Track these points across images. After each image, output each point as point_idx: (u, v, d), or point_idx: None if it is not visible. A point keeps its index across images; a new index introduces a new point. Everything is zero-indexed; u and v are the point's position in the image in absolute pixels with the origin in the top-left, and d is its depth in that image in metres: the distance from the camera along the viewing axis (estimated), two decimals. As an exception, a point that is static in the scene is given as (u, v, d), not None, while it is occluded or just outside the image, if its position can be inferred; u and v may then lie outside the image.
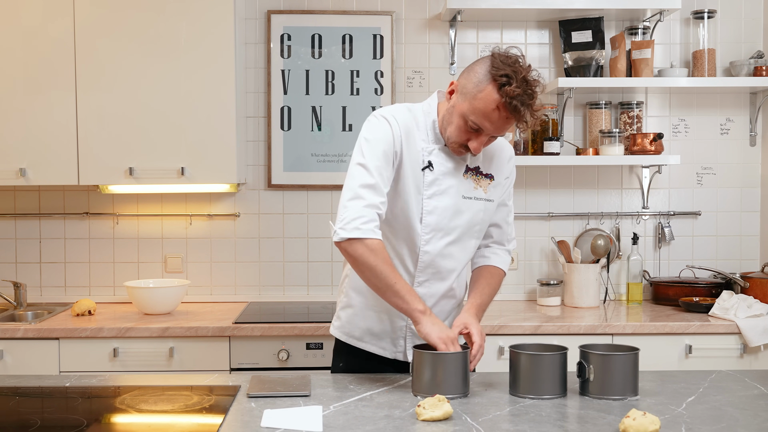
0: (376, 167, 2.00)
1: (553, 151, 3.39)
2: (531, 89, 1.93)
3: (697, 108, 3.61)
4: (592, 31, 3.44)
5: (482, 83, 1.95)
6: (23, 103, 3.18)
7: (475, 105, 1.96)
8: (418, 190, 2.08)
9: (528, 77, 1.93)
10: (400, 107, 2.12)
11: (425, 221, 2.09)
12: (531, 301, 3.56)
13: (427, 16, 3.56)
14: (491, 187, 2.16)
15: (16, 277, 3.52)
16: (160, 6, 3.16)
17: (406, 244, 2.11)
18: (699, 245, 3.62)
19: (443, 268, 2.14)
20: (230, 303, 3.49)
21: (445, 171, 2.09)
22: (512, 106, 1.92)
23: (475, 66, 2.00)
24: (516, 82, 1.91)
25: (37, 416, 1.86)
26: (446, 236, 2.11)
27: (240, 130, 3.33)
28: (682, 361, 3.00)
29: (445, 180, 2.09)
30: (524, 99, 1.92)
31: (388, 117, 2.06)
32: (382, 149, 2.01)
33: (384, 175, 2.01)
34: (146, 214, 3.53)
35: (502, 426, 1.70)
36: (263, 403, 1.88)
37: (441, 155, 2.09)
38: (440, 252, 2.12)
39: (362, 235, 1.95)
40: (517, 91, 1.90)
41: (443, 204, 2.09)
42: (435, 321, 1.98)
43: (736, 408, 1.83)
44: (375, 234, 1.96)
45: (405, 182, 2.06)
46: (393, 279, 1.97)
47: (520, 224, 3.57)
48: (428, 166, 2.08)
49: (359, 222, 1.95)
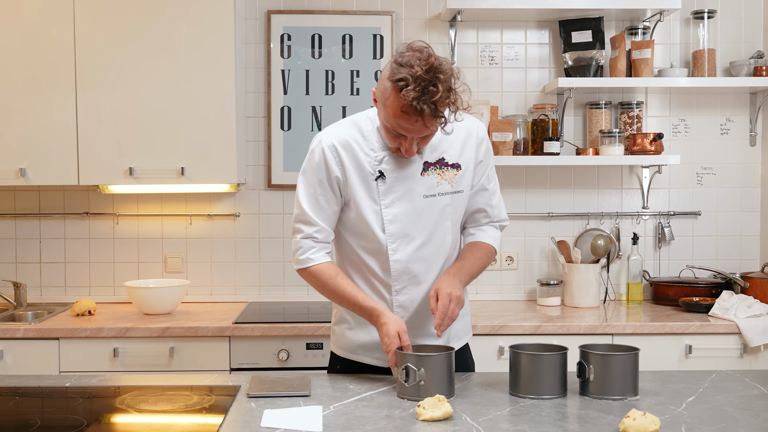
0: (307, 199, 2.09)
1: (553, 151, 3.39)
2: (434, 85, 1.84)
3: (697, 108, 3.61)
4: (592, 31, 3.44)
5: (387, 90, 1.91)
6: (23, 103, 3.18)
7: (387, 113, 1.93)
8: (375, 201, 2.07)
9: (427, 74, 1.84)
10: (343, 123, 2.13)
11: (388, 230, 2.07)
12: (531, 301, 3.56)
13: (427, 16, 3.56)
14: (458, 177, 2.11)
15: (16, 277, 3.52)
16: (160, 6, 3.16)
17: (375, 257, 2.11)
18: (699, 245, 3.62)
19: (418, 272, 2.11)
20: (230, 303, 3.49)
21: (398, 176, 2.06)
22: (413, 107, 1.85)
23: (383, 72, 1.95)
24: (413, 83, 1.83)
25: (37, 416, 1.86)
26: (413, 240, 2.09)
27: (240, 130, 3.33)
28: (682, 361, 3.00)
29: (400, 185, 2.06)
30: (426, 98, 1.84)
31: (323, 142, 2.07)
32: (316, 178, 2.08)
33: (320, 203, 2.08)
34: (146, 214, 3.53)
35: (502, 426, 1.70)
36: (263, 403, 1.88)
37: (391, 161, 2.06)
38: (411, 257, 2.09)
39: (302, 265, 2.11)
40: (414, 93, 1.83)
41: (402, 210, 2.07)
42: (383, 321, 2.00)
43: (736, 408, 1.83)
44: (313, 261, 2.10)
45: (358, 198, 2.06)
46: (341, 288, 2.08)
47: (520, 224, 3.57)
48: (380, 175, 2.06)
49: (298, 254, 2.11)
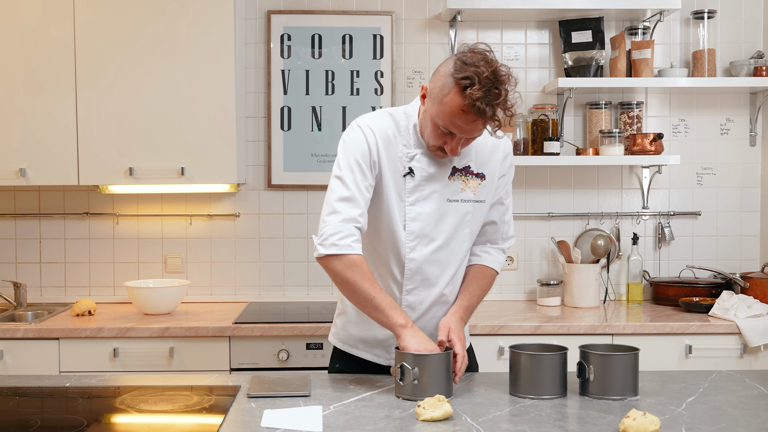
0: (353, 179, 2.00)
1: (553, 151, 3.39)
2: (497, 87, 1.85)
3: (697, 108, 3.61)
4: (592, 31, 3.44)
5: (446, 87, 1.90)
6: (23, 103, 3.18)
7: (442, 109, 1.92)
8: (400, 197, 2.06)
9: (492, 76, 1.85)
10: (381, 113, 2.11)
11: (409, 228, 2.07)
12: (531, 301, 3.56)
13: (427, 16, 3.56)
14: (482, 187, 2.11)
15: (16, 277, 3.52)
16: (160, 6, 3.16)
17: (392, 253, 2.09)
18: (699, 245, 3.62)
19: (431, 275, 2.11)
20: (230, 303, 3.49)
21: (426, 176, 2.06)
22: (476, 108, 1.85)
23: (441, 68, 1.95)
24: (478, 83, 1.84)
25: (37, 416, 1.86)
26: (432, 242, 2.08)
27: (240, 130, 3.33)
28: (682, 361, 3.00)
29: (427, 185, 2.06)
30: (489, 99, 1.85)
31: (363, 127, 2.05)
32: (359, 160, 2.01)
33: (362, 186, 2.00)
34: (146, 214, 3.53)
35: (502, 426, 1.70)
36: (263, 403, 1.88)
37: (423, 159, 2.06)
38: (426, 258, 2.09)
39: (339, 251, 1.96)
40: (479, 93, 1.83)
41: (426, 210, 2.07)
42: (416, 333, 1.94)
43: (736, 408, 1.83)
44: (353, 249, 1.97)
45: (386, 190, 2.05)
46: (372, 294, 1.96)
47: (520, 224, 3.57)
48: (409, 172, 2.05)
49: (336, 238, 1.96)
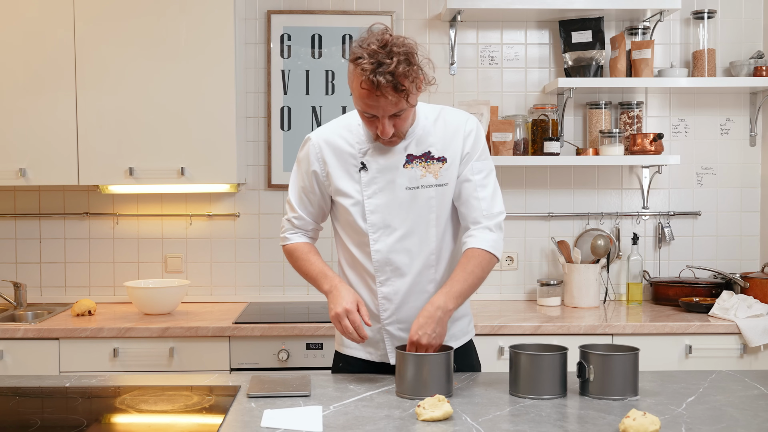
0: (292, 187, 2.23)
1: (553, 151, 3.39)
2: (389, 57, 1.90)
3: (697, 108, 3.61)
4: (592, 31, 3.44)
5: (349, 72, 1.99)
6: (24, 103, 3.18)
7: (353, 95, 2.01)
8: (359, 192, 2.11)
9: (381, 48, 1.90)
10: (334, 121, 2.22)
11: (370, 220, 2.11)
12: (531, 301, 3.56)
13: (427, 16, 3.56)
14: (443, 170, 2.12)
15: (16, 277, 3.52)
16: (160, 7, 3.16)
17: (360, 248, 2.15)
18: (699, 245, 3.62)
19: (401, 264, 2.12)
20: (230, 303, 3.49)
21: (380, 167, 2.10)
22: (370, 81, 1.90)
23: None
24: (367, 56, 1.90)
25: (37, 416, 1.86)
26: (395, 231, 2.11)
27: (240, 130, 3.32)
28: (682, 361, 3.00)
29: (382, 176, 2.10)
30: (381, 69, 1.89)
31: (309, 139, 2.19)
32: (300, 171, 2.21)
33: (303, 194, 2.20)
34: (146, 214, 3.53)
35: (502, 426, 1.70)
36: (263, 403, 1.88)
37: (375, 153, 2.11)
38: (392, 248, 2.11)
39: (282, 243, 2.28)
40: (369, 66, 1.89)
41: (384, 201, 2.10)
42: (338, 297, 2.05)
43: (736, 408, 1.83)
44: (289, 240, 2.25)
45: (343, 190, 2.12)
46: (306, 268, 2.19)
47: (520, 224, 3.57)
48: (363, 167, 2.11)
49: (280, 233, 2.29)
